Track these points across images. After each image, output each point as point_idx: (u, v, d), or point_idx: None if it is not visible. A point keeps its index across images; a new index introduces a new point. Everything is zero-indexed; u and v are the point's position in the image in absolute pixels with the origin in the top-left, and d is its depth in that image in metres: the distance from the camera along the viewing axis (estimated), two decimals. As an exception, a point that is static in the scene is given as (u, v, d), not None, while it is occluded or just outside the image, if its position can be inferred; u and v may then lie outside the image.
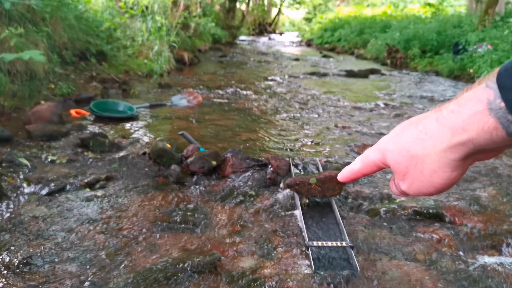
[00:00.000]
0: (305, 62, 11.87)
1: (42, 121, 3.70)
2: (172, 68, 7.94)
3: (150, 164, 3.13)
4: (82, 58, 6.16)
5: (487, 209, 2.71)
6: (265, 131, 4.28)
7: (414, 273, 2.04)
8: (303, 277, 1.97)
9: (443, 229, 2.44)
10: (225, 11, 18.78)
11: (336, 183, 2.65)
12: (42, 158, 3.09)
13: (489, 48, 8.92)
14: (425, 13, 17.75)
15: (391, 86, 7.99)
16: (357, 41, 16.76)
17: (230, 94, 6.16)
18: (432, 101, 6.43)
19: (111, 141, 3.43)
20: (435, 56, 11.04)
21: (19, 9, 4.75)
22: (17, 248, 2.09)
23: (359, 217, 2.59)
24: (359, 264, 2.08)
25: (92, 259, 2.04)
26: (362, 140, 3.95)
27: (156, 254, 2.10)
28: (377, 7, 28.22)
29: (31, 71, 4.56)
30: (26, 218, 2.37)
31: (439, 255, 2.21)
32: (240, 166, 3.06)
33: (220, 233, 2.35)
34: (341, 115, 5.12)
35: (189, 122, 4.44)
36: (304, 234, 2.31)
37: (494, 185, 3.11)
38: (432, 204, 2.71)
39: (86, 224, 2.36)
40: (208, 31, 14.10)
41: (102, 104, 4.57)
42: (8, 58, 3.78)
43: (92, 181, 2.81)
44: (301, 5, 32.63)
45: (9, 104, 4.20)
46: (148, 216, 2.48)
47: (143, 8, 8.19)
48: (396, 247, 2.27)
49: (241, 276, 1.97)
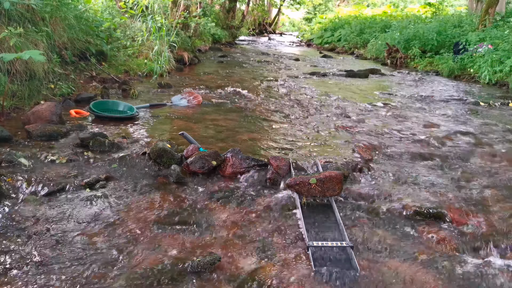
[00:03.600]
0: (305, 62, 11.86)
1: (41, 121, 3.69)
2: (172, 68, 7.93)
3: (150, 164, 3.13)
4: (82, 58, 6.16)
5: (487, 209, 2.70)
6: (265, 131, 4.28)
7: (414, 273, 2.04)
8: (303, 277, 1.97)
9: (443, 229, 2.43)
10: (225, 11, 18.77)
11: (336, 183, 2.64)
12: (41, 158, 3.09)
13: (490, 48, 8.91)
14: (425, 13, 17.75)
15: (391, 86, 7.99)
16: (357, 41, 16.76)
17: (230, 94, 6.15)
18: (432, 101, 6.42)
19: (111, 141, 3.42)
20: (435, 56, 11.04)
21: (19, 9, 4.75)
22: (17, 248, 2.08)
23: (359, 217, 2.58)
24: (359, 264, 2.07)
25: (92, 259, 2.03)
26: (362, 140, 3.95)
27: (156, 254, 2.10)
28: (377, 7, 28.22)
29: (31, 71, 4.55)
30: (26, 218, 2.37)
31: (439, 255, 2.20)
32: (240, 166, 3.05)
33: (220, 233, 2.34)
34: (341, 115, 5.11)
35: (189, 122, 4.44)
36: (304, 234, 2.31)
37: (494, 185, 3.11)
38: (433, 204, 2.70)
39: (86, 224, 2.35)
40: (208, 31, 14.10)
41: (102, 104, 4.56)
42: (8, 58, 3.77)
43: (92, 181, 2.81)
44: (301, 5, 32.59)
45: (8, 104, 4.20)
46: (148, 216, 2.47)
47: (143, 8, 8.19)
48: (396, 247, 2.26)
49: (241, 276, 1.96)
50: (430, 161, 3.53)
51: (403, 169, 3.32)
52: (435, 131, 4.49)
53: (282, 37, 28.78)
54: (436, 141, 4.11)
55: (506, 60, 8.17)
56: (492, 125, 4.93)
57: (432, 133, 4.39)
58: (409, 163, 3.49)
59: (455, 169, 3.40)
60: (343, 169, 3.10)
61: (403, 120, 4.99)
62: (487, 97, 6.85)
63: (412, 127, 4.65)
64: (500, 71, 8.21)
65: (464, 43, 9.94)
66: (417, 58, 11.38)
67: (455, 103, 6.34)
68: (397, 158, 3.58)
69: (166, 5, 8.98)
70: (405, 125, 4.76)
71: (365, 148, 3.67)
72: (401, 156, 3.62)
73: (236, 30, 19.98)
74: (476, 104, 6.29)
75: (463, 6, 18.75)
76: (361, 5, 28.62)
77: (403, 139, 4.17)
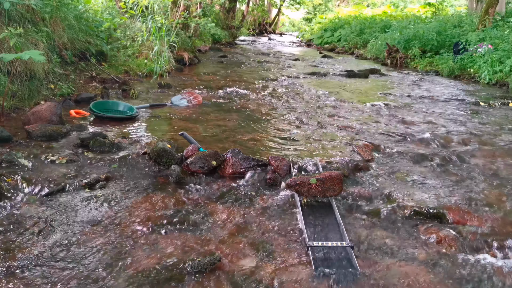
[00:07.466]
0: (305, 62, 11.86)
1: (41, 121, 3.69)
2: (172, 68, 7.93)
3: (150, 164, 3.13)
4: (82, 58, 6.16)
5: (487, 209, 2.70)
6: (265, 131, 4.28)
7: (414, 273, 2.04)
8: (303, 277, 1.97)
9: (443, 229, 2.43)
10: (225, 11, 18.78)
11: (336, 183, 2.64)
12: (42, 159, 3.09)
13: (490, 48, 8.91)
14: (425, 13, 17.75)
15: (391, 86, 7.98)
16: (357, 41, 16.75)
17: (230, 94, 6.15)
18: (433, 101, 6.42)
19: (111, 141, 3.42)
20: (435, 56, 11.03)
21: (19, 9, 4.75)
22: (17, 248, 2.08)
23: (359, 217, 2.58)
24: (359, 264, 2.07)
25: (92, 259, 2.03)
26: (362, 140, 3.95)
27: (156, 255, 2.10)
28: (377, 7, 28.22)
29: (31, 71, 4.55)
30: (26, 218, 2.37)
31: (440, 255, 2.20)
32: (240, 166, 3.05)
33: (220, 233, 2.34)
34: (341, 115, 5.11)
35: (189, 122, 4.44)
36: (304, 234, 2.31)
37: (494, 185, 3.11)
38: (433, 204, 2.70)
39: (86, 224, 2.35)
40: (208, 31, 14.10)
41: (102, 104, 4.56)
42: (8, 58, 3.77)
43: (92, 181, 2.81)
44: (301, 5, 32.58)
45: (8, 104, 4.20)
46: (148, 216, 2.47)
47: (143, 8, 8.19)
48: (396, 247, 2.26)
49: (241, 276, 1.96)
50: (430, 161, 3.53)
51: (403, 169, 3.32)
52: (435, 131, 4.49)
53: (282, 37, 28.77)
54: (436, 141, 4.11)
55: (506, 60, 8.17)
56: (492, 125, 4.93)
57: (432, 133, 4.39)
58: (409, 163, 3.49)
59: (455, 169, 3.40)
60: (343, 169, 3.10)
61: (403, 120, 4.99)
62: (487, 97, 6.84)
63: (412, 127, 4.65)
64: (500, 71, 8.21)
65: (464, 43, 9.93)
66: (417, 58, 11.38)
67: (455, 103, 6.33)
68: (397, 158, 3.58)
69: (166, 5, 8.97)
70: (405, 125, 4.76)
71: (365, 148, 3.67)
72: (401, 156, 3.62)
73: (236, 30, 19.99)
74: (476, 104, 6.29)
75: (463, 6, 18.75)
76: (361, 5, 28.62)
77: (403, 139, 4.17)
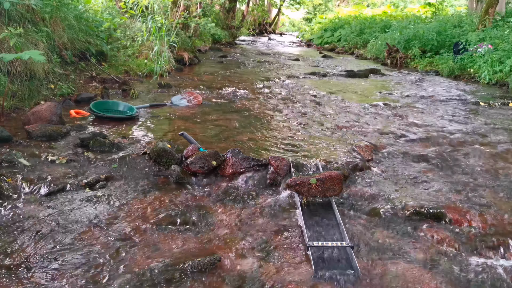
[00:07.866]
0: (305, 62, 11.86)
1: (41, 121, 3.69)
2: (172, 68, 7.93)
3: (150, 164, 3.12)
4: (82, 58, 6.15)
5: (487, 209, 2.70)
6: (265, 131, 4.28)
7: (414, 273, 2.04)
8: (303, 277, 1.97)
9: (443, 229, 2.43)
10: (225, 11, 18.77)
11: (336, 183, 2.64)
12: (42, 158, 3.09)
13: (490, 48, 8.91)
14: (425, 13, 17.74)
15: (391, 86, 7.98)
16: (357, 41, 16.75)
17: (230, 94, 6.15)
18: (433, 101, 6.42)
19: (111, 141, 3.42)
20: (435, 56, 11.04)
21: (19, 9, 4.75)
22: (17, 248, 2.08)
23: (359, 217, 2.58)
24: (359, 264, 2.07)
25: (92, 259, 2.03)
26: (363, 140, 3.95)
27: (156, 255, 2.10)
28: (377, 7, 28.22)
29: (31, 71, 4.55)
30: (26, 218, 2.37)
31: (440, 255, 2.20)
32: (240, 166, 3.05)
33: (220, 233, 2.34)
34: (341, 115, 5.11)
35: (189, 122, 4.44)
36: (304, 234, 2.31)
37: (494, 185, 3.11)
38: (433, 204, 2.70)
39: (86, 224, 2.35)
40: (208, 31, 14.09)
41: (102, 104, 4.56)
42: (8, 58, 3.77)
43: (92, 181, 2.81)
44: (301, 5, 32.58)
45: (8, 104, 4.20)
46: (148, 216, 2.47)
47: (143, 8, 8.19)
48: (396, 247, 2.26)
49: (241, 276, 1.96)
50: (430, 161, 3.53)
51: (403, 169, 3.32)
52: (435, 131, 4.49)
53: (282, 37, 28.76)
54: (436, 141, 4.11)
55: (506, 60, 8.17)
56: (492, 125, 4.93)
57: (432, 133, 4.39)
58: (409, 163, 3.49)
59: (455, 169, 3.40)
60: (343, 169, 3.10)
61: (403, 120, 4.99)
62: (487, 97, 6.85)
63: (412, 127, 4.65)
64: (500, 71, 8.21)
65: (464, 43, 9.94)
66: (417, 58, 11.38)
67: (455, 103, 6.33)
68: (397, 158, 3.58)
69: (166, 5, 8.97)
70: (405, 125, 4.76)
71: (365, 148, 3.67)
72: (401, 156, 3.62)
73: (236, 30, 19.98)
74: (476, 104, 6.29)
75: (463, 6, 18.74)
76: (361, 5, 28.61)
77: (403, 139, 4.17)
